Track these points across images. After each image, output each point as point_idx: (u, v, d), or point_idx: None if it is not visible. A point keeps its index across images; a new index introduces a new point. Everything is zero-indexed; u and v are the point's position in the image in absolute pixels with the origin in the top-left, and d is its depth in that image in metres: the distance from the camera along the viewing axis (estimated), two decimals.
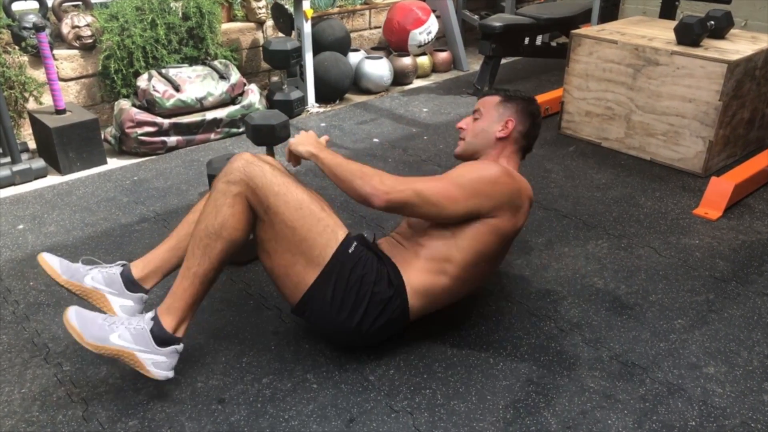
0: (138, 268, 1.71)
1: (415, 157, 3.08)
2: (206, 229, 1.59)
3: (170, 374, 1.57)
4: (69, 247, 2.31)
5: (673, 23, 3.29)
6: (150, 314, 1.59)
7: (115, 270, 1.70)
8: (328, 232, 1.64)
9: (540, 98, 3.57)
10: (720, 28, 2.90)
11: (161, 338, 1.55)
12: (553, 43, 4.56)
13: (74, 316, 1.51)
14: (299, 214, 1.61)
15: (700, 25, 2.80)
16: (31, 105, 3.11)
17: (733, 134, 2.88)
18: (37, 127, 2.93)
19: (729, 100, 2.71)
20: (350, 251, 1.66)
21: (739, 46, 2.85)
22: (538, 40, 4.38)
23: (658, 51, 2.84)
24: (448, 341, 1.84)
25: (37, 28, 2.75)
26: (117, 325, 1.54)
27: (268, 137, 2.23)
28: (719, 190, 2.53)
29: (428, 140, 3.30)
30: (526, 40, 4.14)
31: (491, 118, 1.88)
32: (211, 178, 2.17)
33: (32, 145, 3.08)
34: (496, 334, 1.87)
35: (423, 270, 1.71)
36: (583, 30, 3.19)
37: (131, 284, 1.69)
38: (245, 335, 1.87)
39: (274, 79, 4.02)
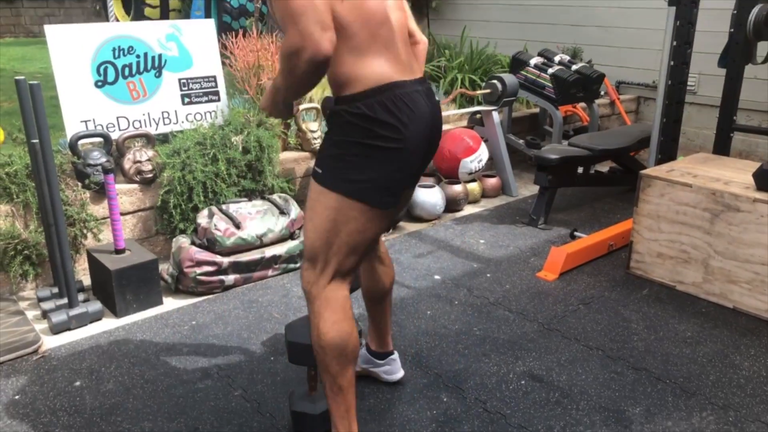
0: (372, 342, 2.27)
1: (482, 299, 2.95)
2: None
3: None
4: (129, 410, 2.15)
5: (741, 163, 3.24)
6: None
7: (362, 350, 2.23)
8: None
9: (603, 234, 3.49)
10: None
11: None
12: (604, 170, 4.52)
13: None
14: None
15: None
16: (89, 241, 3.05)
17: None
18: (95, 266, 2.85)
19: None
20: None
21: None
22: (591, 169, 4.35)
23: (739, 197, 2.75)
24: None
25: (106, 170, 2.72)
26: None
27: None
28: None
29: (492, 278, 3.18)
30: (580, 170, 4.10)
31: None
32: (292, 345, 2.01)
33: (86, 280, 2.99)
34: None
35: None
36: (652, 170, 3.13)
37: (379, 356, 2.27)
38: None
39: None
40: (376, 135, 1.61)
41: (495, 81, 4.36)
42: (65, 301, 2.72)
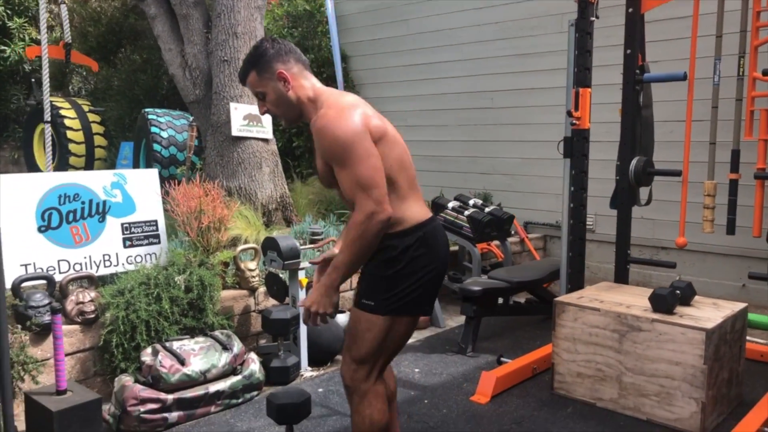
0: None
1: (422, 424, 3.09)
2: None
3: None
4: None
5: (639, 290, 3.69)
6: None
7: None
8: None
9: (527, 358, 3.77)
10: (685, 296, 3.27)
11: None
12: (521, 301, 4.91)
13: None
14: None
15: (672, 295, 3.15)
16: (26, 384, 3.00)
17: (719, 393, 3.09)
18: (33, 410, 2.79)
19: (712, 363, 2.96)
20: None
21: (707, 312, 3.19)
22: (510, 299, 4.72)
23: (639, 318, 3.13)
24: None
25: (54, 311, 2.77)
26: None
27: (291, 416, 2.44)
28: None
29: (429, 404, 3.34)
30: (500, 300, 4.45)
31: (271, 87, 2.10)
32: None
33: (20, 426, 2.90)
34: None
35: None
36: (564, 298, 3.51)
37: None
38: None
39: (262, 342, 4.06)
40: (420, 262, 2.08)
41: None
42: None
